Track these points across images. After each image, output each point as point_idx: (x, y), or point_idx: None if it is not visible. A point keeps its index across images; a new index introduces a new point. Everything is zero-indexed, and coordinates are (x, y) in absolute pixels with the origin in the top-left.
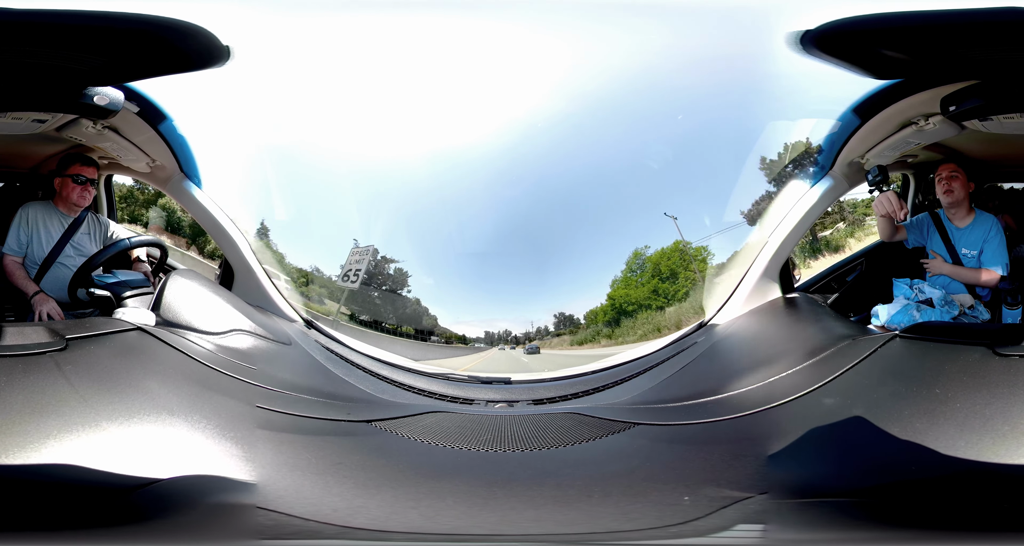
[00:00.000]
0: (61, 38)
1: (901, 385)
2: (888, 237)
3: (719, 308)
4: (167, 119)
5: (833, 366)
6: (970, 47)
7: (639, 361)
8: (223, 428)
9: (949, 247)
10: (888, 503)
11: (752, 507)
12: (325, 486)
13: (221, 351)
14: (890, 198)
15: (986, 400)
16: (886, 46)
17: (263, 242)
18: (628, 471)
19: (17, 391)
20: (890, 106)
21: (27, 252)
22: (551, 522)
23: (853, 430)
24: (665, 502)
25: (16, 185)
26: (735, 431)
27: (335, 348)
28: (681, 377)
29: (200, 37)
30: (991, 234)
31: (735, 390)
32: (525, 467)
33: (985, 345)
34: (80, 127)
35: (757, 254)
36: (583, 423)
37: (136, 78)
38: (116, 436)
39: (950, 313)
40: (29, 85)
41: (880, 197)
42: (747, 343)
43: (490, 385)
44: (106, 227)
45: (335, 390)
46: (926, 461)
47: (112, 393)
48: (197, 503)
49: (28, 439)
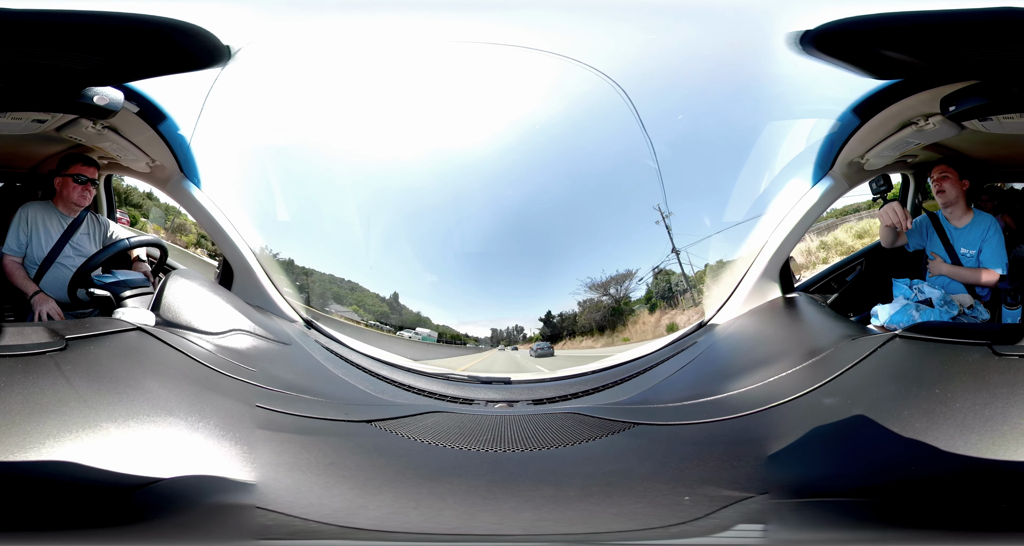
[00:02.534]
0: (61, 38)
1: (901, 385)
2: (890, 244)
3: (719, 308)
4: (167, 119)
5: (833, 366)
6: (970, 47)
7: (639, 361)
8: (223, 428)
9: (948, 247)
10: (888, 503)
11: (752, 507)
12: (325, 486)
13: (221, 351)
14: (896, 209)
15: (985, 400)
16: (886, 46)
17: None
18: (628, 471)
19: (17, 391)
20: (890, 106)
21: (27, 252)
22: (551, 522)
23: (853, 430)
24: (665, 502)
25: (16, 185)
26: (735, 431)
27: (335, 348)
28: (681, 377)
29: (200, 37)
30: (989, 234)
31: (735, 390)
32: (525, 467)
33: (985, 345)
34: (80, 127)
35: (757, 254)
36: (583, 423)
37: (136, 78)
38: (116, 436)
39: (950, 313)
40: (29, 85)
41: (886, 207)
42: (747, 343)
43: (490, 385)
44: (105, 227)
45: (335, 390)
46: (926, 461)
47: (112, 393)
48: (197, 503)
49: (28, 439)
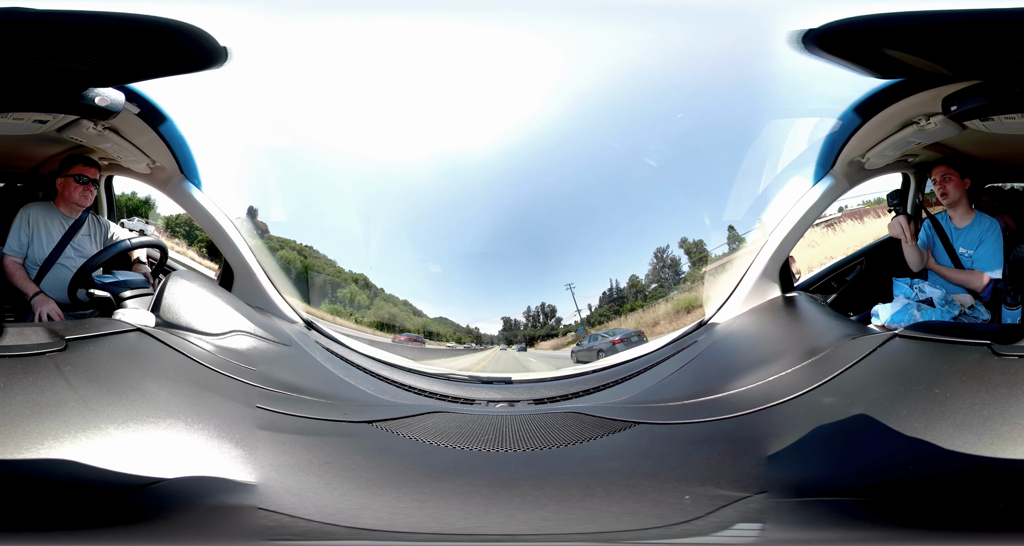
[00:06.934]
0: (62, 39)
1: (900, 384)
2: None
3: (719, 307)
4: (167, 120)
5: (833, 365)
6: (973, 47)
7: (639, 360)
8: (223, 429)
9: (948, 247)
10: (887, 502)
11: (752, 506)
12: (326, 487)
13: (221, 352)
14: (902, 223)
15: (985, 400)
16: (888, 46)
17: (261, 241)
18: (629, 470)
19: (17, 391)
20: (891, 105)
21: (27, 253)
22: (556, 521)
23: (853, 429)
24: (665, 501)
25: (17, 186)
26: (735, 430)
27: (335, 349)
28: (681, 376)
29: (198, 38)
30: (987, 234)
31: (735, 389)
32: (527, 467)
33: (985, 345)
34: (81, 128)
35: (757, 253)
36: (584, 422)
37: (136, 79)
38: (116, 437)
39: (950, 313)
40: (30, 86)
41: (892, 222)
42: (747, 342)
43: (491, 385)
44: (106, 228)
45: (335, 391)
46: (925, 460)
47: (112, 394)
48: (197, 504)
49: (28, 439)
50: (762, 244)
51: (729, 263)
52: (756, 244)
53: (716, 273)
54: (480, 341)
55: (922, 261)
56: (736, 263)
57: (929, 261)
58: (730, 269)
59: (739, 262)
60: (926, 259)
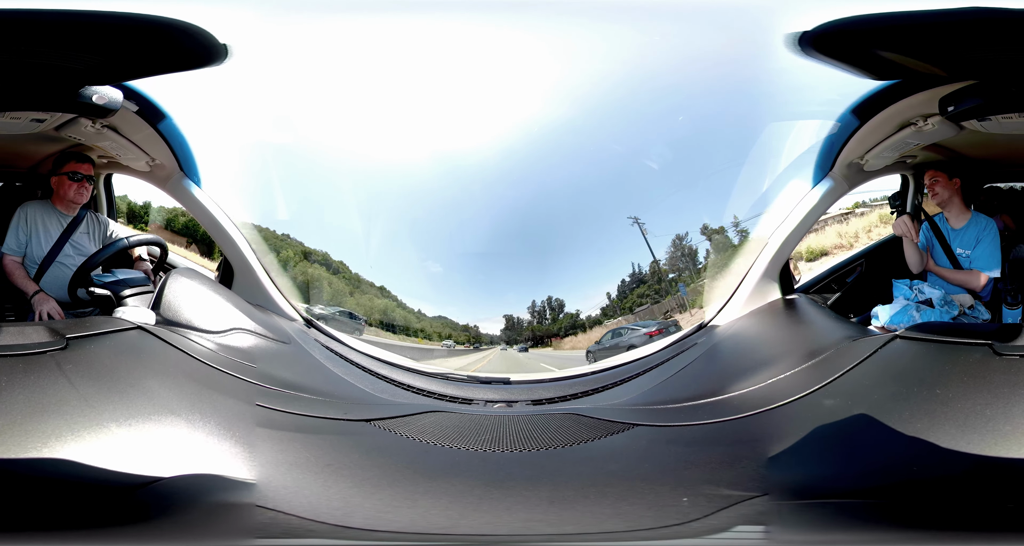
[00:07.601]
0: (59, 37)
1: (901, 386)
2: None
3: (719, 309)
4: (166, 118)
5: (833, 367)
6: (969, 47)
7: (639, 362)
8: (223, 427)
9: (946, 247)
10: (889, 504)
11: (752, 508)
12: (324, 485)
13: (221, 350)
14: (906, 222)
15: (987, 400)
16: (884, 46)
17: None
18: (627, 472)
19: (17, 391)
20: (889, 107)
21: (26, 251)
22: (546, 522)
23: (854, 431)
24: (664, 503)
25: (15, 185)
26: (735, 432)
27: (334, 347)
28: (681, 378)
29: (196, 36)
30: (983, 234)
31: (735, 391)
32: (523, 467)
33: (986, 345)
34: (79, 126)
35: (757, 255)
36: (582, 423)
37: (134, 77)
38: (116, 435)
39: (950, 313)
40: (27, 84)
41: (896, 221)
42: (747, 344)
43: (489, 385)
44: (105, 226)
45: (334, 389)
46: (927, 461)
47: (112, 392)
48: (197, 502)
49: (28, 438)
50: (762, 246)
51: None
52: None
53: (716, 275)
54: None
55: (922, 262)
56: (736, 265)
57: (928, 262)
58: (730, 271)
59: (739, 264)
60: (925, 261)
